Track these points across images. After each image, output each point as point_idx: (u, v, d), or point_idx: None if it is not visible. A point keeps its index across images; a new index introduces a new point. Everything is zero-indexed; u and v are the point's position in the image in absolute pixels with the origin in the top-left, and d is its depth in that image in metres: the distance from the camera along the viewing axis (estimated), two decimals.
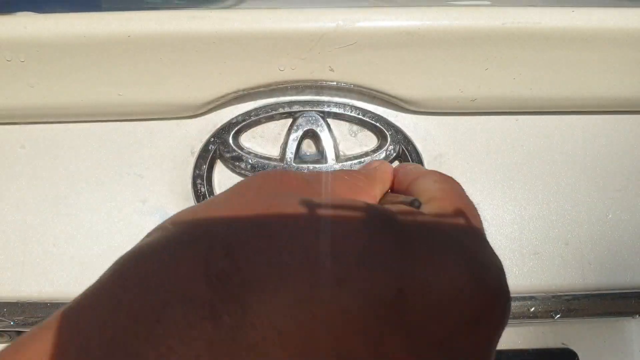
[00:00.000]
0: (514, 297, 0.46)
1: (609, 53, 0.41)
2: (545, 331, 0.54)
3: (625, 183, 0.47)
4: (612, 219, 0.47)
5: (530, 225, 0.46)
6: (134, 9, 0.38)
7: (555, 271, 0.46)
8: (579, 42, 0.40)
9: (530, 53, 0.40)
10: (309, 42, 0.39)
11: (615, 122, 0.47)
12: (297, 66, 0.41)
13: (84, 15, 0.38)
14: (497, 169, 0.46)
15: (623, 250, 0.46)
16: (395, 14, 0.39)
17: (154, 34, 0.38)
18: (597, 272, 0.46)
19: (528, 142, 0.46)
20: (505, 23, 0.39)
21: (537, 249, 0.46)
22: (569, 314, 0.45)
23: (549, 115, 0.47)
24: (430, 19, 0.38)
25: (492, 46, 0.40)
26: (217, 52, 0.39)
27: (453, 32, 0.39)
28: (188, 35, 0.38)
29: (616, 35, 0.40)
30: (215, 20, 0.38)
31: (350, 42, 0.39)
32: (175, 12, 0.38)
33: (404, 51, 0.40)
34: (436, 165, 0.46)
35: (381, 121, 0.45)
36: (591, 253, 0.46)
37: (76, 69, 0.40)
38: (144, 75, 0.40)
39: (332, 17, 0.38)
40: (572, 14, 0.39)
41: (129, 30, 0.38)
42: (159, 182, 0.45)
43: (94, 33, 0.38)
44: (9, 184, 0.44)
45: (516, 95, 0.43)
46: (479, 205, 0.46)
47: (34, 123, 0.45)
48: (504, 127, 0.46)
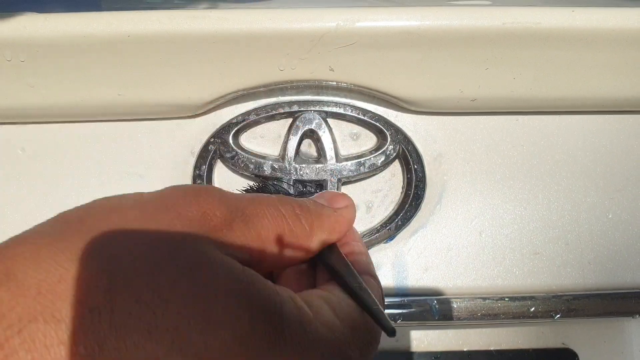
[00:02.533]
0: (514, 297, 0.46)
1: (609, 53, 0.41)
2: (545, 331, 0.54)
3: (626, 183, 0.47)
4: (612, 219, 0.47)
5: (530, 226, 0.46)
6: (134, 9, 0.38)
7: (555, 271, 0.46)
8: (579, 42, 0.40)
9: (530, 53, 0.40)
10: (309, 42, 0.39)
11: (616, 122, 0.47)
12: (297, 66, 0.41)
13: (84, 15, 0.38)
14: (497, 168, 0.46)
15: (623, 250, 0.46)
16: (396, 13, 0.39)
17: (154, 33, 0.38)
18: (597, 272, 0.46)
19: (528, 142, 0.46)
20: (505, 23, 0.39)
21: (537, 249, 0.46)
22: (569, 314, 0.45)
23: (549, 115, 0.46)
24: (430, 18, 0.38)
25: (492, 46, 0.40)
26: (217, 52, 0.39)
27: (453, 32, 0.39)
28: (188, 35, 0.38)
29: (616, 35, 0.40)
30: (215, 20, 0.38)
31: (350, 42, 0.39)
32: (175, 12, 0.38)
33: (404, 51, 0.40)
34: (436, 165, 0.46)
35: (381, 121, 0.45)
36: (591, 253, 0.46)
37: (76, 69, 0.40)
38: (144, 75, 0.40)
39: (332, 17, 0.38)
40: (572, 13, 0.39)
41: (128, 30, 0.38)
42: (159, 182, 0.45)
43: (93, 33, 0.38)
44: (9, 184, 0.44)
45: (516, 95, 0.43)
46: (479, 206, 0.46)
47: (34, 123, 0.45)
48: (504, 127, 0.46)
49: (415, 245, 0.46)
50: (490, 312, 0.45)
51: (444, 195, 0.46)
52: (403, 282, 0.45)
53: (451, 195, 0.46)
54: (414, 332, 0.53)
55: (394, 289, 0.45)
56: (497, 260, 0.45)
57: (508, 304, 0.45)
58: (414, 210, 0.45)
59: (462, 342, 0.53)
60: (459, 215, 0.46)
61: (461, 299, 0.45)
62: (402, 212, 0.45)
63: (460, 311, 0.45)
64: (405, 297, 0.45)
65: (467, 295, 0.45)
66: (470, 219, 0.46)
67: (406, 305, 0.44)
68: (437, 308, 0.45)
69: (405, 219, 0.45)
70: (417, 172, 0.45)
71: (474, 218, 0.46)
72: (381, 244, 0.46)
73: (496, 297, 0.45)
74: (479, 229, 0.46)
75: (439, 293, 0.45)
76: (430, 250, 0.46)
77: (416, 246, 0.46)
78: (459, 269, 0.45)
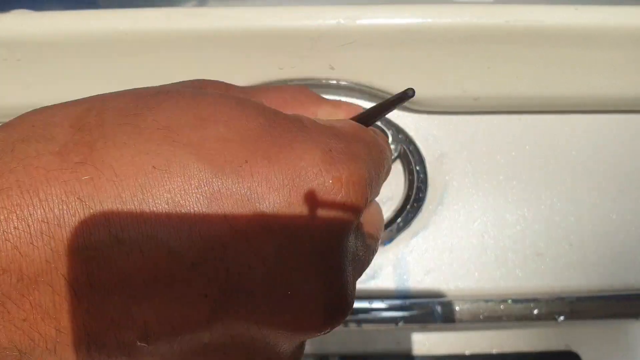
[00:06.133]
0: (517, 299, 0.45)
1: (613, 51, 0.40)
2: (549, 333, 0.53)
3: (630, 183, 0.46)
4: (616, 220, 0.46)
5: (533, 226, 0.46)
6: (131, 7, 0.38)
7: (558, 273, 0.45)
8: (583, 40, 0.40)
9: (533, 51, 0.40)
10: (309, 40, 0.38)
11: (620, 122, 0.46)
12: (297, 65, 0.40)
13: (80, 13, 0.37)
14: (499, 168, 0.46)
15: (627, 251, 0.46)
16: (397, 11, 0.38)
17: (152, 32, 0.37)
18: (601, 274, 0.46)
19: (531, 141, 0.46)
20: (508, 21, 0.38)
21: (540, 250, 0.45)
22: (572, 316, 0.45)
23: (553, 114, 0.46)
24: (432, 16, 0.38)
25: (494, 44, 0.39)
26: (216, 50, 0.39)
27: (455, 29, 0.38)
28: (186, 33, 0.38)
29: (620, 33, 0.39)
30: (214, 18, 0.37)
31: (351, 40, 0.38)
32: (173, 10, 0.38)
33: (405, 49, 0.39)
34: (438, 165, 0.45)
35: (382, 120, 0.45)
36: (595, 254, 0.46)
37: (73, 68, 0.39)
38: (142, 74, 0.40)
39: (332, 14, 0.38)
40: (576, 11, 0.39)
41: (126, 28, 0.37)
42: None
43: (90, 31, 0.37)
44: None
45: (519, 94, 0.42)
46: (482, 206, 0.45)
47: None
48: (507, 127, 0.46)
49: (416, 246, 0.45)
50: (492, 314, 0.45)
51: (445, 195, 0.46)
52: (404, 285, 0.45)
53: (453, 196, 0.46)
54: (416, 335, 0.53)
55: (395, 291, 0.45)
56: (500, 262, 0.45)
57: (511, 306, 0.45)
58: (416, 211, 0.45)
59: (464, 345, 0.53)
60: (461, 216, 0.45)
61: (463, 301, 0.44)
62: (404, 213, 0.45)
63: (463, 313, 0.44)
64: (407, 299, 0.44)
65: (469, 298, 0.45)
66: (472, 220, 0.45)
67: (407, 308, 0.44)
68: (439, 310, 0.44)
69: (407, 220, 0.45)
70: (418, 172, 0.45)
71: (476, 219, 0.45)
72: (382, 246, 0.45)
73: (499, 299, 0.45)
74: (482, 230, 0.45)
75: (440, 295, 0.45)
76: (432, 252, 0.45)
77: (418, 248, 0.45)
78: (461, 270, 0.45)
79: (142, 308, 0.17)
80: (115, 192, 0.17)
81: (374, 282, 0.45)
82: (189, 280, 0.17)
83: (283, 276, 0.18)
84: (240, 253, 0.18)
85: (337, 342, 0.53)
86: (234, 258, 0.18)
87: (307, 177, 0.19)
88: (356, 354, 0.53)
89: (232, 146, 0.18)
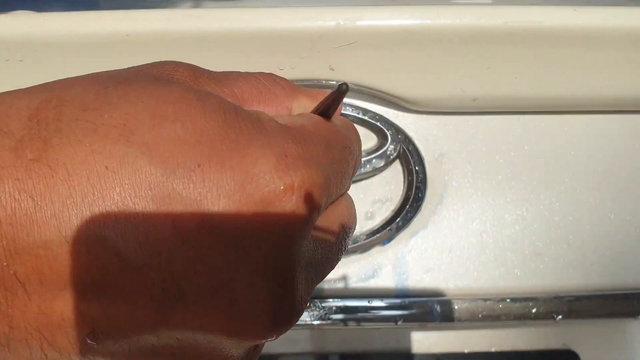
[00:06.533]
0: (516, 298, 0.46)
1: (612, 52, 0.40)
2: (547, 332, 0.53)
3: (628, 183, 0.46)
4: (614, 220, 0.46)
5: (532, 226, 0.46)
6: (132, 8, 0.38)
7: (557, 272, 0.46)
8: (582, 41, 0.40)
9: (532, 52, 0.40)
10: (309, 41, 0.39)
11: (619, 122, 0.47)
12: (297, 65, 0.40)
13: (82, 14, 0.38)
14: (498, 168, 0.46)
15: (626, 251, 0.46)
16: (396, 12, 0.38)
17: (153, 33, 0.37)
18: (600, 273, 0.46)
19: (530, 141, 0.46)
20: (507, 22, 0.38)
21: (539, 250, 0.46)
22: (570, 315, 0.45)
23: (552, 115, 0.46)
24: (431, 17, 0.38)
25: (493, 45, 0.40)
26: (217, 51, 0.39)
27: (454, 30, 0.38)
28: (186, 34, 0.38)
29: (619, 34, 0.39)
30: (214, 19, 0.38)
31: (351, 40, 0.39)
32: (173, 11, 0.38)
33: (405, 50, 0.40)
34: (437, 165, 0.46)
35: (381, 120, 0.45)
36: (593, 254, 0.46)
37: (74, 68, 0.39)
38: None
39: (332, 15, 0.38)
40: (574, 12, 0.39)
41: (127, 30, 0.37)
42: None
43: (91, 32, 0.37)
44: None
45: (518, 94, 0.42)
46: (481, 206, 0.46)
47: None
48: (506, 127, 0.46)
49: (416, 246, 0.46)
50: (491, 313, 0.45)
51: (445, 195, 0.46)
52: (404, 284, 0.45)
53: (452, 196, 0.46)
54: (415, 334, 0.53)
55: (394, 291, 0.45)
56: (499, 261, 0.45)
57: (509, 305, 0.45)
58: (415, 211, 0.45)
59: (462, 344, 0.53)
60: (460, 216, 0.46)
61: (462, 300, 0.45)
62: (403, 213, 0.45)
63: (462, 312, 0.45)
64: (406, 298, 0.44)
65: (468, 297, 0.45)
66: (471, 220, 0.46)
67: (407, 307, 0.44)
68: (438, 309, 0.44)
69: (406, 220, 0.45)
70: (418, 172, 0.45)
71: (475, 219, 0.46)
72: (381, 245, 0.45)
73: (497, 298, 0.45)
74: (481, 229, 0.46)
75: (440, 294, 0.45)
76: (431, 252, 0.45)
77: (417, 247, 0.45)
78: (460, 270, 0.45)
79: (90, 307, 0.17)
80: (67, 192, 0.17)
81: (374, 281, 0.45)
82: (135, 282, 0.17)
83: (228, 283, 0.18)
84: (186, 258, 0.18)
85: (337, 340, 0.53)
86: (180, 263, 0.18)
87: (258, 184, 0.19)
88: (356, 353, 0.54)
89: (186, 148, 0.18)
